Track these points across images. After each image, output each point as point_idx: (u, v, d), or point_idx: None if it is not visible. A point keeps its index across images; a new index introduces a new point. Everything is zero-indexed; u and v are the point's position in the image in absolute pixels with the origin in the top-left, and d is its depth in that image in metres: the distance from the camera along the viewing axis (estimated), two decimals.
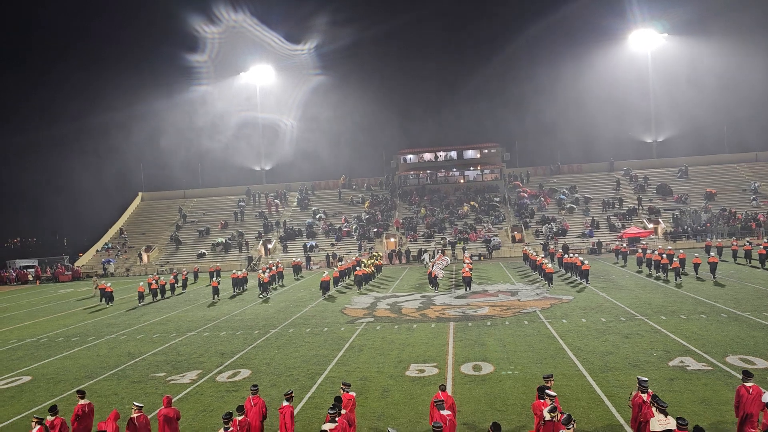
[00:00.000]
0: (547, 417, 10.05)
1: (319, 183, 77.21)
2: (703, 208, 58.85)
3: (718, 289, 29.05)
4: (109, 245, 69.38)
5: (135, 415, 11.43)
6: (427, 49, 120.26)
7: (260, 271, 39.70)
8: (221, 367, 19.18)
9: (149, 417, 12.53)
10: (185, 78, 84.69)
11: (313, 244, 61.44)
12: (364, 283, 38.10)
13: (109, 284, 37.92)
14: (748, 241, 42.19)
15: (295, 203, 73.14)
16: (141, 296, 36.15)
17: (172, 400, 12.50)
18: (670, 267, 34.04)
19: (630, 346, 18.87)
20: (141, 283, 37.96)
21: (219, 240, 65.02)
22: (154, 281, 38.70)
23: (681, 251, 39.37)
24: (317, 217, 67.95)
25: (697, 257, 35.26)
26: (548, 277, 34.14)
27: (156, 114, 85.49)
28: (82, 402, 12.51)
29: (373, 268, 42.58)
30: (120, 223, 74.20)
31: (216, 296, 35.94)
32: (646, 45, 73.36)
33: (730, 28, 72.77)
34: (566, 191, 66.63)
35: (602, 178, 69.77)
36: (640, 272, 37.74)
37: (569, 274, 37.84)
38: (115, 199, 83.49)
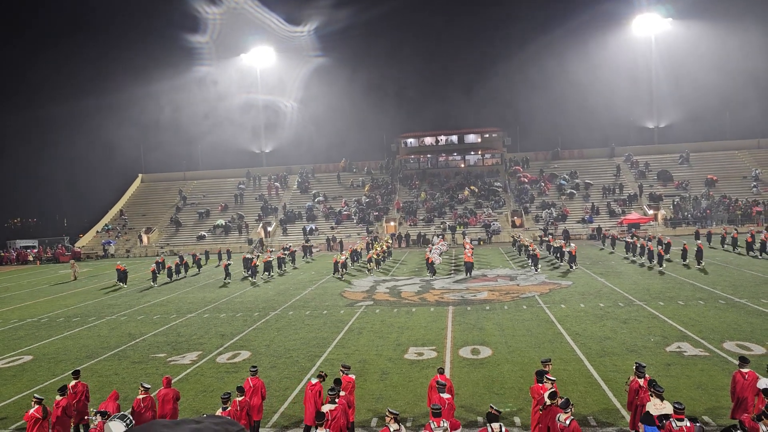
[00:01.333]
0: (548, 402, 10.14)
1: (319, 166, 77.04)
2: (703, 194, 58.82)
3: (717, 276, 29.13)
4: (110, 226, 69.45)
5: (141, 396, 11.50)
6: (429, 32, 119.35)
7: (266, 255, 39.61)
8: (221, 349, 19.30)
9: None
10: (186, 59, 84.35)
11: (313, 228, 61.51)
12: (377, 265, 38.16)
13: (124, 264, 37.78)
14: (735, 229, 42.34)
15: (295, 186, 73.06)
16: (154, 276, 36.19)
17: (172, 381, 12.60)
18: (655, 251, 34.26)
19: (628, 331, 18.98)
20: (153, 264, 37.96)
21: (219, 222, 65.07)
22: (171, 261, 38.79)
23: (668, 237, 39.71)
24: (317, 200, 67.93)
25: (685, 244, 35.31)
26: (535, 261, 34.37)
27: (156, 95, 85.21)
28: (73, 382, 12.62)
29: (384, 249, 42.62)
30: (120, 205, 74.21)
31: (228, 278, 35.62)
32: (649, 29, 72.83)
33: (734, 13, 72.35)
34: (567, 177, 66.54)
35: (603, 164, 69.62)
36: (626, 258, 37.93)
37: (557, 260, 37.90)
38: (116, 180, 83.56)
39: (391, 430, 9.28)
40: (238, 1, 79.12)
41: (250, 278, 36.01)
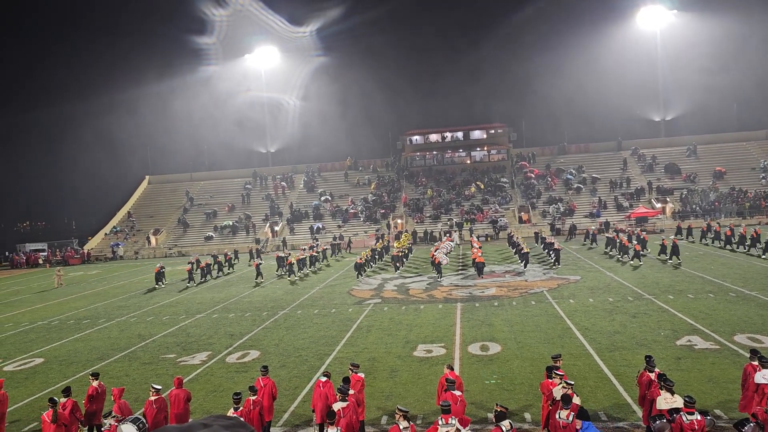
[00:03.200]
0: (558, 396, 10.14)
1: (325, 165, 77.06)
2: (711, 187, 58.48)
3: (727, 269, 28.98)
4: (118, 228, 69.76)
5: (153, 398, 11.54)
6: (432, 28, 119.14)
7: (299, 253, 39.46)
8: (231, 349, 19.36)
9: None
10: (191, 60, 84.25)
11: (320, 226, 61.57)
12: (400, 264, 36.55)
13: (158, 265, 37.68)
14: (717, 222, 42.14)
15: (302, 185, 73.15)
16: (190, 276, 36.15)
17: (183, 381, 12.65)
18: (631, 247, 34.30)
19: (637, 325, 18.91)
20: (188, 264, 37.86)
21: (226, 223, 65.23)
22: (205, 261, 38.75)
23: (644, 233, 39.86)
24: (323, 199, 67.99)
25: (664, 239, 35.10)
26: (523, 257, 33.88)
27: (162, 97, 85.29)
28: (94, 384, 12.66)
29: (405, 248, 41.67)
30: (128, 207, 74.51)
31: (259, 277, 35.13)
32: (654, 22, 72.39)
33: (739, 4, 71.67)
34: (573, 171, 66.30)
35: (610, 158, 69.32)
36: (606, 253, 37.87)
37: (548, 257, 37.28)
38: (123, 182, 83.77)
39: (401, 427, 9.28)
40: (243, 3, 79.18)
41: (285, 276, 36.04)
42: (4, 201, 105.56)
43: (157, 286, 35.80)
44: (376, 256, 41.22)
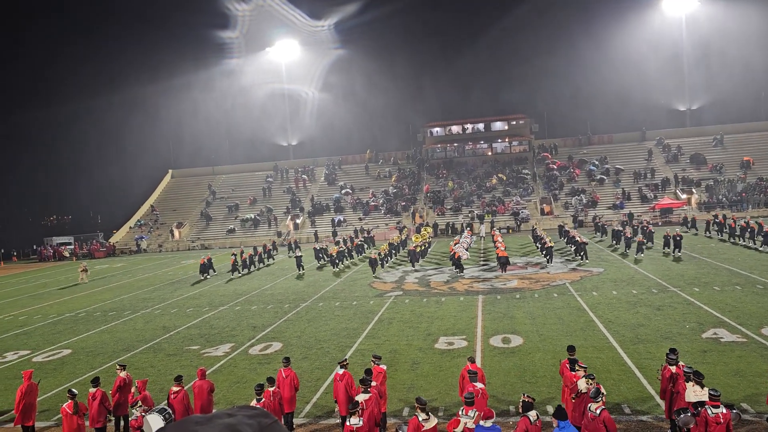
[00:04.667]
0: (583, 388, 10.07)
1: (345, 158, 77.14)
2: (738, 177, 57.34)
3: (754, 260, 28.45)
4: (142, 222, 70.75)
5: (175, 389, 11.71)
6: (453, 19, 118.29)
7: (334, 246, 39.68)
8: (253, 340, 19.55)
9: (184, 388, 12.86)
10: (213, 55, 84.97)
11: (341, 219, 61.75)
12: (417, 260, 35.11)
13: (204, 257, 37.84)
14: (723, 215, 41.36)
15: (323, 178, 73.39)
16: (234, 267, 36.52)
17: (206, 373, 12.80)
18: (634, 240, 33.88)
19: (662, 318, 18.67)
20: (232, 257, 38.12)
21: (248, 216, 65.73)
22: (248, 253, 39.39)
23: (650, 225, 39.43)
24: (344, 191, 68.13)
25: (668, 231, 34.50)
26: (548, 252, 32.85)
27: (184, 91, 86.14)
28: (122, 375, 12.88)
29: (425, 243, 40.60)
30: (151, 200, 75.51)
31: (301, 269, 35.14)
32: (679, 9, 71.02)
33: None
34: (596, 162, 65.47)
35: (633, 148, 68.30)
36: (610, 246, 37.47)
37: (572, 249, 36.45)
38: (146, 176, 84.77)
39: (420, 419, 9.31)
40: None
41: (329, 266, 36.38)
42: (32, 196, 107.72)
43: (203, 277, 36.21)
44: (394, 251, 40.99)
